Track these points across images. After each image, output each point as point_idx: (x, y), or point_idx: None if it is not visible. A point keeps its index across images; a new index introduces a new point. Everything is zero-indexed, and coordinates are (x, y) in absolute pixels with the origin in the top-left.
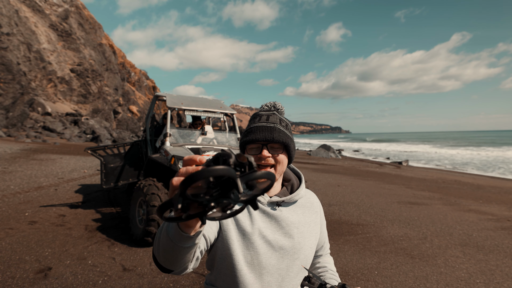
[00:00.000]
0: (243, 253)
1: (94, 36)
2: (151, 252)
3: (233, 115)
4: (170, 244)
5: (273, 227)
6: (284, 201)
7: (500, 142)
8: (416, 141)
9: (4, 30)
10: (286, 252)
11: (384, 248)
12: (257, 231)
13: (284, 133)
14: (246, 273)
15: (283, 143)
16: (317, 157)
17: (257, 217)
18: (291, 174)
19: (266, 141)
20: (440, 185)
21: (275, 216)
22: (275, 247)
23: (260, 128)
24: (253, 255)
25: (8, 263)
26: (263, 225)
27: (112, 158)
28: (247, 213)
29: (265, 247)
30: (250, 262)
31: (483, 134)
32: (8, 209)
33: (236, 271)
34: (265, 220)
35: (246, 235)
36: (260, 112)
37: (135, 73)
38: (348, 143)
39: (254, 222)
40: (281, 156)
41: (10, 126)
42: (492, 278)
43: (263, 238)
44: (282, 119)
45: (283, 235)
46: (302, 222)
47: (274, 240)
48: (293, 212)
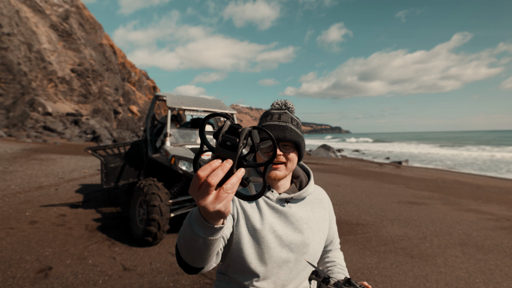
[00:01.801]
0: (254, 247)
1: (94, 36)
2: (151, 251)
3: (233, 115)
4: (197, 241)
5: (282, 223)
6: (293, 198)
7: (500, 142)
8: (416, 141)
9: (5, 30)
10: (296, 246)
11: (383, 248)
12: (268, 226)
13: (295, 132)
14: (257, 266)
15: (295, 142)
16: (317, 157)
17: (267, 213)
18: (300, 171)
19: (278, 139)
20: (439, 185)
21: (284, 212)
22: (285, 241)
23: (272, 126)
24: (264, 249)
25: (9, 263)
26: (273, 221)
27: (113, 158)
28: (257, 209)
29: (275, 241)
30: (260, 256)
31: (483, 134)
32: (9, 209)
33: (246, 264)
34: (275, 216)
35: (256, 230)
36: (272, 111)
37: (135, 73)
38: (333, 142)
39: (264, 217)
40: (292, 154)
41: (11, 126)
42: (492, 278)
43: (273, 233)
44: (293, 117)
45: (293, 230)
46: (311, 217)
47: (284, 235)
48: (302, 208)
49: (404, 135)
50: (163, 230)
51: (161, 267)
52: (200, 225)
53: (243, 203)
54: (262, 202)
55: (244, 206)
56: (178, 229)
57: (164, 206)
